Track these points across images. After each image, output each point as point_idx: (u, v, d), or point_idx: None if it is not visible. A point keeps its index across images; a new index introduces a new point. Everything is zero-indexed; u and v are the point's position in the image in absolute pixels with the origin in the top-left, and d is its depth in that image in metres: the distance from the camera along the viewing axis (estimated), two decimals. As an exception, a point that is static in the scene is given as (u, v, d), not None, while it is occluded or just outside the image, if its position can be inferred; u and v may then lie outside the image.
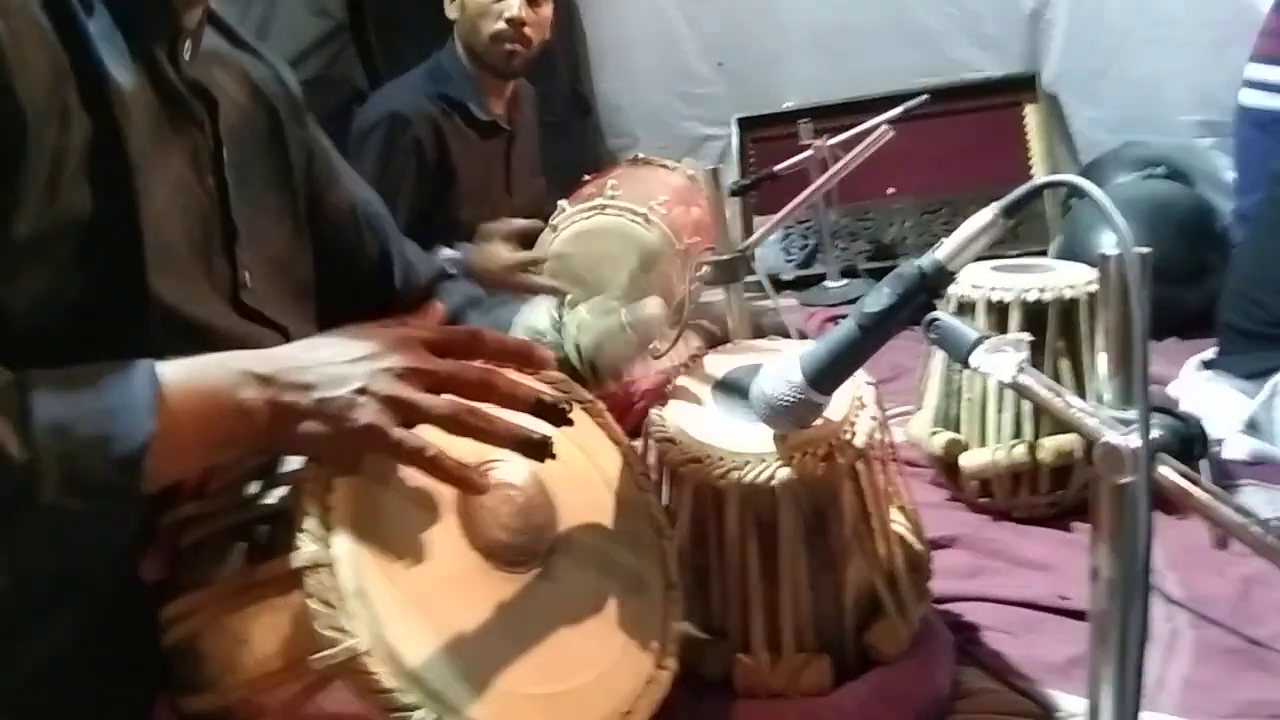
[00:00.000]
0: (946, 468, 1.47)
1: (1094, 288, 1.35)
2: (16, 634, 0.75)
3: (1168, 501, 0.61)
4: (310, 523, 0.68)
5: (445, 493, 0.75)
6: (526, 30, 2.08)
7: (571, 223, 1.93)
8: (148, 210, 0.76)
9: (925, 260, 0.75)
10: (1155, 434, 0.61)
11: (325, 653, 0.66)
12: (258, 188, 0.91)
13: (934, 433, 1.46)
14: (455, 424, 0.72)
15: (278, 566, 0.68)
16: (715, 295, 1.64)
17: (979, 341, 0.71)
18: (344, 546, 0.68)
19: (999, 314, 1.38)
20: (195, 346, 0.70)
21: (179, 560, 0.73)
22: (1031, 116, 2.83)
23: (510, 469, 0.80)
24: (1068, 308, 1.37)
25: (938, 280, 0.76)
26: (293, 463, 0.74)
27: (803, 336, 1.66)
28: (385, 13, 2.92)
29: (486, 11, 2.06)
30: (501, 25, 2.05)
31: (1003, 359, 0.70)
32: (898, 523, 1.05)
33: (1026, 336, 1.21)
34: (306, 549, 0.67)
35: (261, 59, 0.98)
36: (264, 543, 0.72)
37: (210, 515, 0.73)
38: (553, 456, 0.74)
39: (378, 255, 1.09)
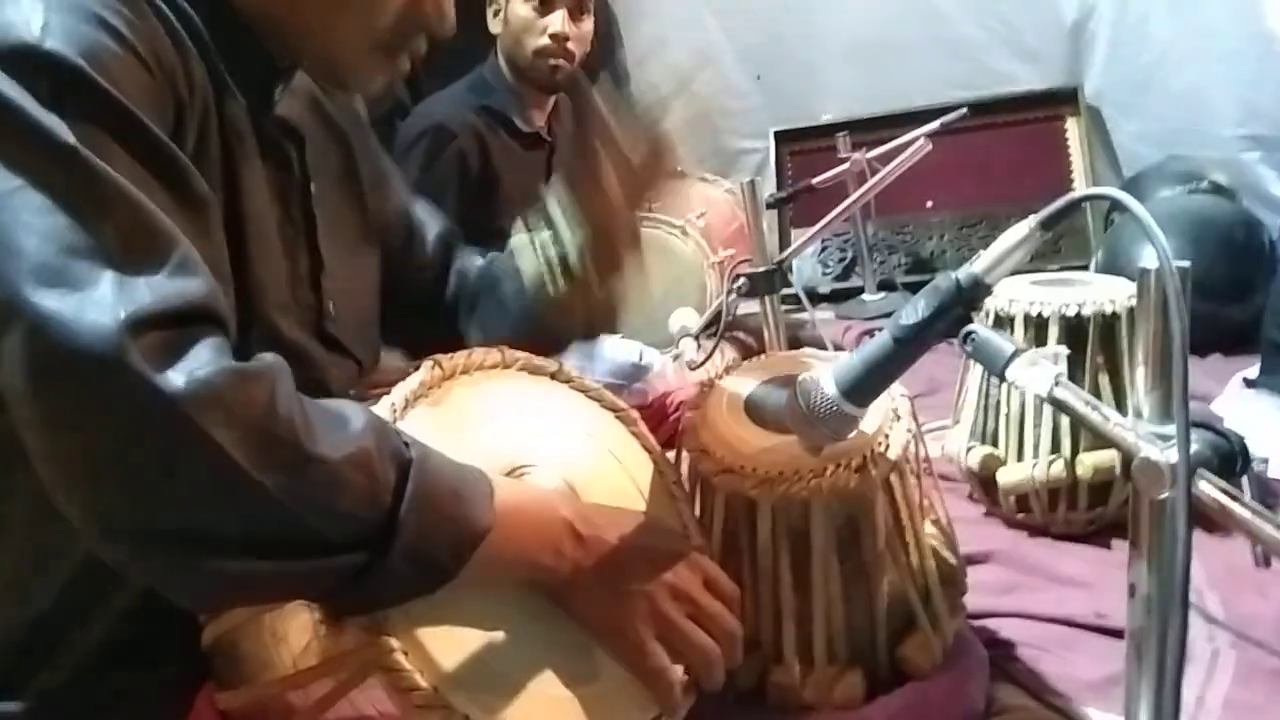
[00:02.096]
0: (983, 483, 1.46)
1: (1135, 302, 1.33)
2: (63, 630, 0.77)
3: (1208, 519, 0.61)
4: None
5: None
6: (570, 45, 2.09)
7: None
8: (252, 229, 0.79)
9: (961, 273, 0.74)
10: (1194, 449, 0.60)
11: (360, 650, 0.67)
12: (334, 217, 0.94)
13: (970, 447, 1.45)
14: (690, 656, 0.79)
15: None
16: (752, 308, 1.64)
17: (1015, 355, 0.71)
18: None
19: (1038, 328, 1.37)
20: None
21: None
22: (1073, 130, 2.80)
23: (543, 476, 0.81)
24: (1108, 322, 1.35)
25: (974, 293, 0.75)
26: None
27: (838, 349, 1.65)
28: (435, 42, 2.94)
29: (530, 27, 2.08)
30: (545, 40, 2.07)
31: (1039, 373, 0.69)
32: (932, 536, 1.05)
33: (1064, 350, 1.20)
34: None
35: None
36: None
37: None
38: None
39: (430, 262, 1.11)
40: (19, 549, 0.76)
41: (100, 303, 0.58)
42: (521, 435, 0.85)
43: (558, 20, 2.06)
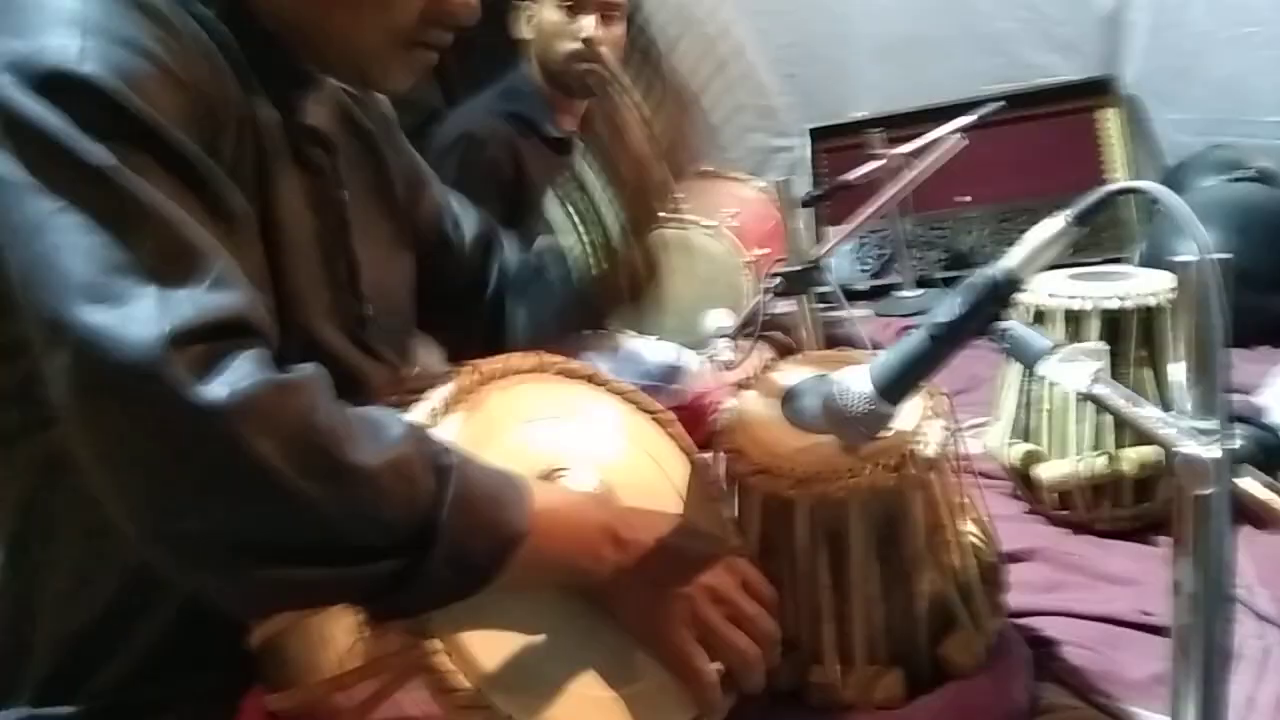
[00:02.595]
0: (1024, 479, 1.44)
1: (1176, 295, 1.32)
2: (114, 635, 0.79)
3: (1256, 515, 0.60)
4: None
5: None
6: (602, 49, 2.09)
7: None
8: (286, 238, 0.81)
9: (996, 268, 0.74)
10: (1237, 444, 0.59)
11: (403, 653, 0.68)
12: (367, 221, 0.95)
13: (1011, 444, 1.44)
14: (729, 657, 0.80)
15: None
16: (787, 307, 1.64)
17: (1051, 350, 0.70)
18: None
19: (1076, 323, 1.35)
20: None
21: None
22: (1111, 120, 2.76)
23: (581, 478, 0.82)
24: (1149, 316, 1.33)
25: (1009, 289, 0.75)
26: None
27: (876, 347, 1.64)
28: (460, 33, 2.97)
29: (561, 32, 2.08)
30: (577, 45, 2.07)
31: (1077, 368, 0.69)
32: (972, 534, 1.04)
33: (1103, 346, 1.18)
34: None
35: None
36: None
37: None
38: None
39: (469, 259, 1.11)
40: (72, 557, 0.78)
41: (143, 318, 0.59)
42: (558, 438, 0.86)
43: (589, 25, 2.06)
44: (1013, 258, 0.74)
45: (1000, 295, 0.75)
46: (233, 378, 0.60)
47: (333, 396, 0.66)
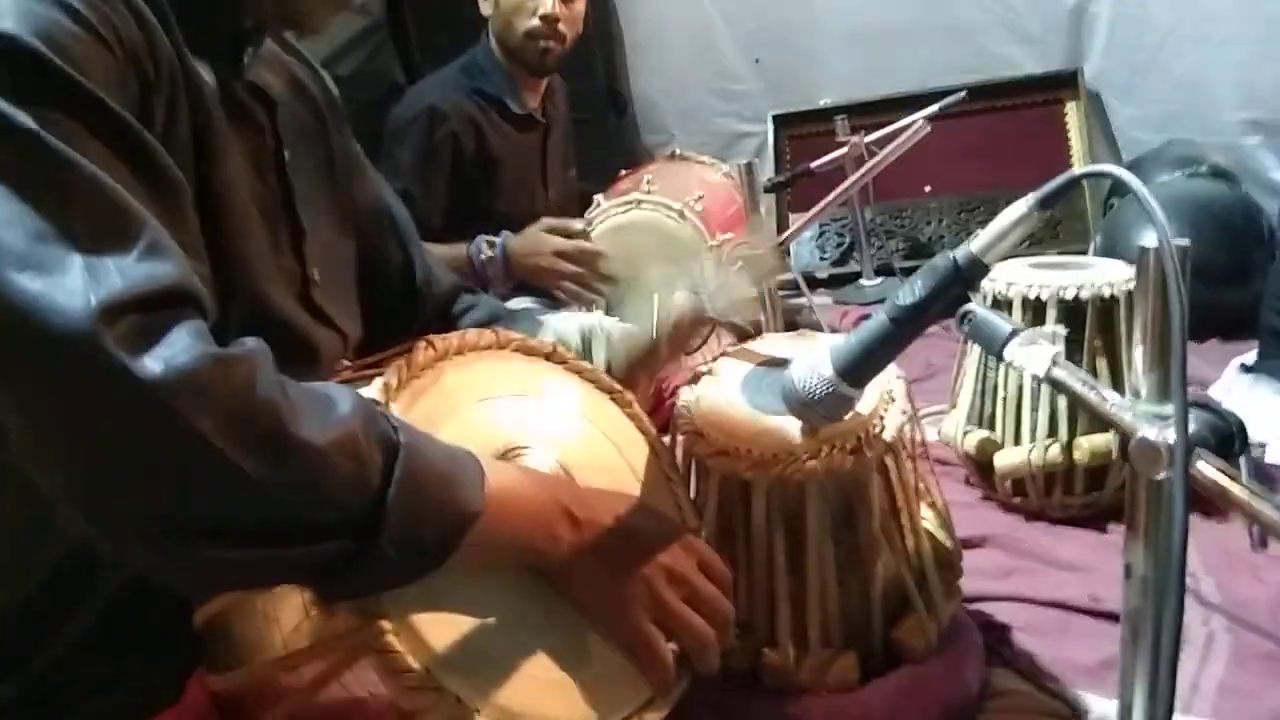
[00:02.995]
0: (980, 467, 1.45)
1: (1133, 285, 1.33)
2: (54, 613, 0.76)
3: (1205, 502, 0.60)
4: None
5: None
6: (560, 26, 2.08)
7: (606, 217, 1.94)
8: (229, 203, 0.78)
9: (959, 252, 0.74)
10: (1192, 429, 0.60)
11: (352, 633, 0.67)
12: (311, 188, 0.93)
13: (967, 431, 1.45)
14: (684, 638, 0.79)
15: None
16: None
17: (1013, 335, 0.70)
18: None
19: (1035, 311, 1.36)
20: (272, 340, 0.69)
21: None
22: (1072, 114, 2.79)
23: (538, 457, 0.81)
24: (1107, 305, 1.35)
25: (972, 273, 0.74)
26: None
27: (835, 334, 1.65)
28: (422, 8, 2.93)
29: (520, 8, 2.07)
30: (535, 22, 2.05)
31: (1037, 352, 0.69)
32: (927, 520, 1.04)
33: (1061, 330, 1.19)
34: None
35: (304, 61, 0.99)
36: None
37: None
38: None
39: (401, 257, 1.09)
40: (7, 531, 0.76)
41: (70, 288, 0.57)
42: (516, 417, 0.84)
43: (548, 2, 2.04)
44: (976, 241, 0.73)
45: (963, 279, 0.74)
46: (168, 352, 0.57)
47: (274, 371, 0.63)
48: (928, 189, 2.88)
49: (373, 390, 0.76)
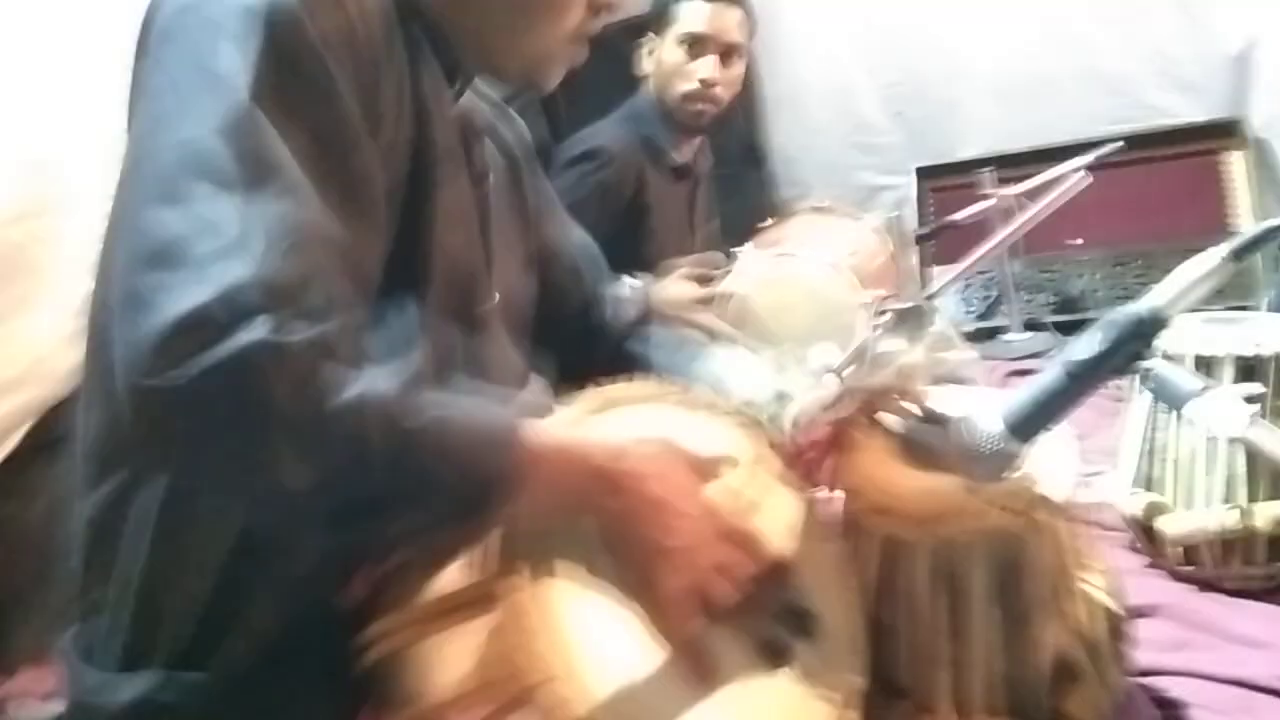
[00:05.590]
0: (1146, 532, 1.38)
1: (1316, 343, 1.25)
2: (230, 605, 0.80)
3: None
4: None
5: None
6: (718, 90, 2.11)
7: (757, 268, 1.93)
8: (439, 202, 0.83)
9: (1142, 306, 0.71)
10: None
11: (519, 677, 0.68)
12: (503, 224, 0.97)
13: (1132, 494, 1.38)
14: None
15: (478, 590, 0.70)
16: (895, 345, 1.60)
17: (1201, 392, 0.67)
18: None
19: (1208, 369, 1.29)
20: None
21: (381, 581, 0.77)
22: (1237, 164, 2.65)
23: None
24: (1287, 364, 1.27)
25: (1153, 327, 0.72)
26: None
27: (986, 389, 1.60)
28: (569, 71, 3.02)
29: (680, 70, 2.11)
30: (694, 85, 2.09)
31: (1230, 411, 0.65)
32: (1096, 585, 0.99)
33: (1257, 388, 1.12)
34: (507, 574, 0.69)
35: (495, 104, 1.05)
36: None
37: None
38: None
39: (590, 292, 1.12)
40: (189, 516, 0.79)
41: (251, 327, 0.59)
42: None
43: (708, 66, 2.08)
44: (1159, 294, 0.71)
45: (1143, 333, 0.72)
46: (360, 386, 0.61)
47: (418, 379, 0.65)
48: (1078, 241, 2.78)
49: None
